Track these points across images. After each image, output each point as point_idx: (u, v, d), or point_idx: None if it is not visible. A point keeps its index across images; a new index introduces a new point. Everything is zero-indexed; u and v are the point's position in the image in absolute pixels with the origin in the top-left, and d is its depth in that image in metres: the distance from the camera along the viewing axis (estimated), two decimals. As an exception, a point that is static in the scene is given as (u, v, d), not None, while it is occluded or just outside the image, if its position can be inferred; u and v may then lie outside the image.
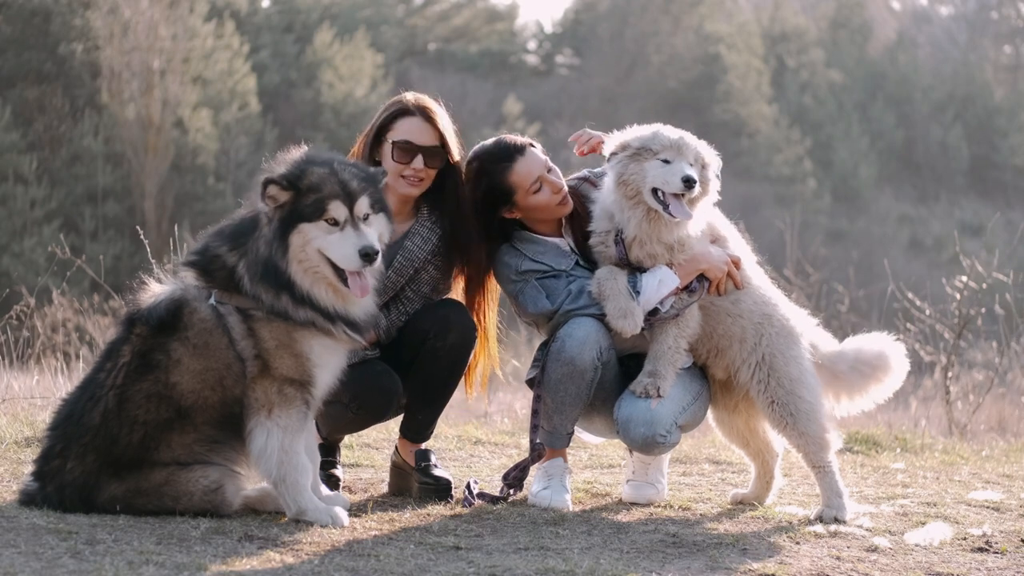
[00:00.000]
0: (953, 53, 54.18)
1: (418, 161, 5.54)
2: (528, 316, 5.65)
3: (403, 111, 5.60)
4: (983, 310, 11.31)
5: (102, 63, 32.83)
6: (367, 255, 4.75)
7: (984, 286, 11.06)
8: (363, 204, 4.81)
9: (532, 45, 52.38)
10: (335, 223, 4.77)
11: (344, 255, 4.76)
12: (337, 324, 4.82)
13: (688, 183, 5.26)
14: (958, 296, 10.98)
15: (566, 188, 5.67)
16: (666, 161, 5.32)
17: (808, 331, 5.65)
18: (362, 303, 4.90)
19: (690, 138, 5.43)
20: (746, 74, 45.75)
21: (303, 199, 4.76)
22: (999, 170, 48.36)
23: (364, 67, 39.33)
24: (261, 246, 4.76)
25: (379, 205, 4.90)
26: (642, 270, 5.45)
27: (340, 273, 4.78)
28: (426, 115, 5.60)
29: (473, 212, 5.64)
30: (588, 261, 5.63)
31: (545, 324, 5.60)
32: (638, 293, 5.36)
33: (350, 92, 38.52)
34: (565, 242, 5.70)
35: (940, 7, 60.20)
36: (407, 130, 5.56)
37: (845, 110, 47.14)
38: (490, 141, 5.75)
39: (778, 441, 5.69)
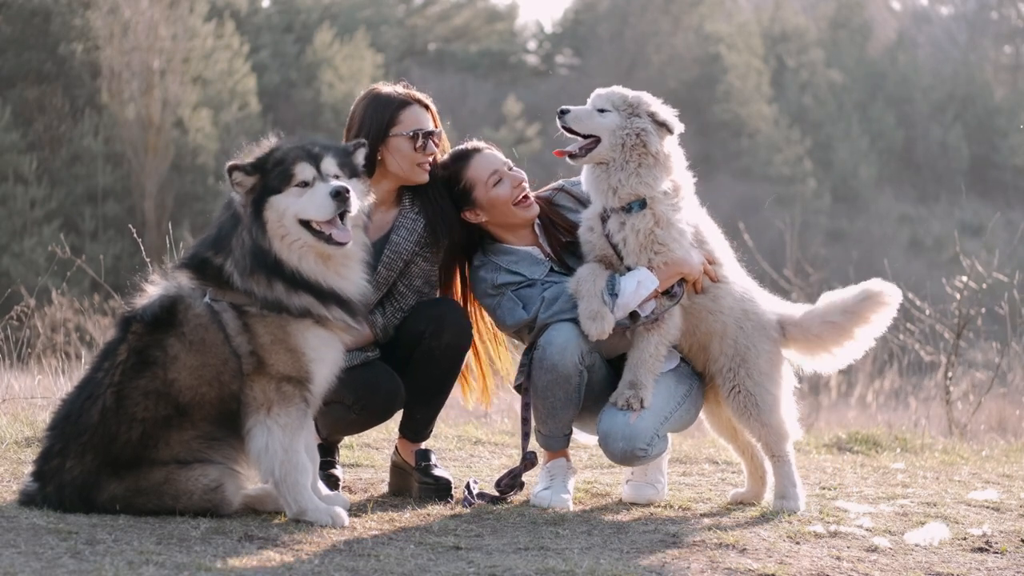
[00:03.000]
0: (953, 53, 54.15)
1: (431, 146, 5.62)
2: (507, 329, 5.68)
3: (403, 103, 5.63)
4: (983, 310, 11.31)
5: (102, 63, 32.81)
6: (338, 194, 4.76)
7: (984, 286, 11.05)
8: (329, 163, 4.86)
9: (532, 45, 52.36)
10: (304, 184, 4.80)
11: (316, 204, 4.78)
12: (331, 307, 4.82)
13: (561, 112, 5.42)
14: (958, 296, 10.97)
15: (528, 186, 5.67)
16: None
17: (778, 309, 5.67)
18: (354, 278, 4.91)
19: (621, 90, 5.47)
20: (746, 74, 45.73)
21: (270, 174, 4.80)
22: (999, 170, 48.32)
23: (364, 67, 39.31)
24: (245, 238, 4.78)
25: (350, 169, 4.94)
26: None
27: (320, 235, 4.80)
28: (420, 102, 5.68)
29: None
30: (565, 268, 5.63)
31: (527, 335, 5.59)
32: (616, 296, 5.34)
33: (350, 92, 38.44)
34: (537, 250, 5.70)
35: (940, 7, 60.18)
36: (416, 119, 5.62)
37: (845, 110, 47.10)
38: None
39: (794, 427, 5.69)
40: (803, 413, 12.52)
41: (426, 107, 5.69)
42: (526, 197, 5.65)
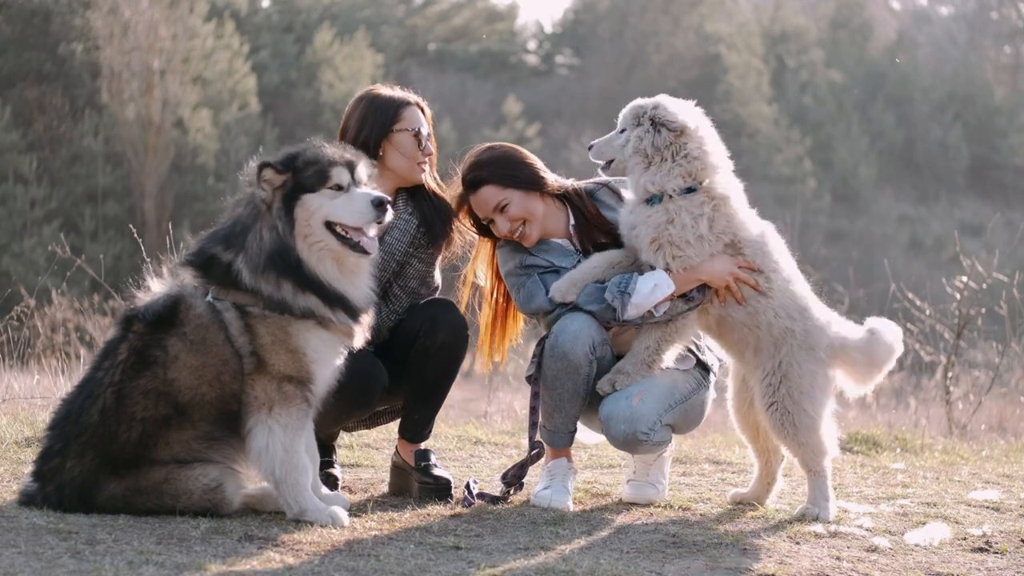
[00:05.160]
0: (953, 53, 54.15)
1: (429, 147, 5.65)
2: (527, 312, 5.69)
3: (403, 103, 5.65)
4: (983, 310, 11.31)
5: (102, 63, 32.82)
6: (380, 203, 4.83)
7: (984, 286, 11.06)
8: (363, 169, 4.92)
9: (532, 45, 52.39)
10: (339, 188, 4.83)
11: (355, 210, 4.82)
12: (336, 310, 4.83)
13: (588, 148, 5.57)
14: (958, 296, 10.98)
15: (519, 227, 5.64)
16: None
17: (835, 324, 5.58)
18: (362, 286, 4.93)
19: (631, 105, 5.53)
20: (746, 74, 45.74)
21: (303, 173, 4.82)
22: (999, 170, 48.34)
23: (364, 67, 39.33)
24: (264, 235, 4.78)
25: (372, 177, 5.01)
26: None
27: (346, 241, 4.83)
28: (416, 103, 5.71)
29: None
30: None
31: (544, 320, 5.63)
32: (630, 295, 5.34)
33: (350, 92, 38.35)
34: (568, 242, 5.71)
35: (940, 7, 60.20)
36: (415, 119, 5.65)
37: (845, 110, 47.11)
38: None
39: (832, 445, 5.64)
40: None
41: (422, 110, 5.72)
42: (520, 238, 5.66)
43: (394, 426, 6.02)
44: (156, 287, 4.92)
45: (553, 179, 5.74)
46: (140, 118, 32.47)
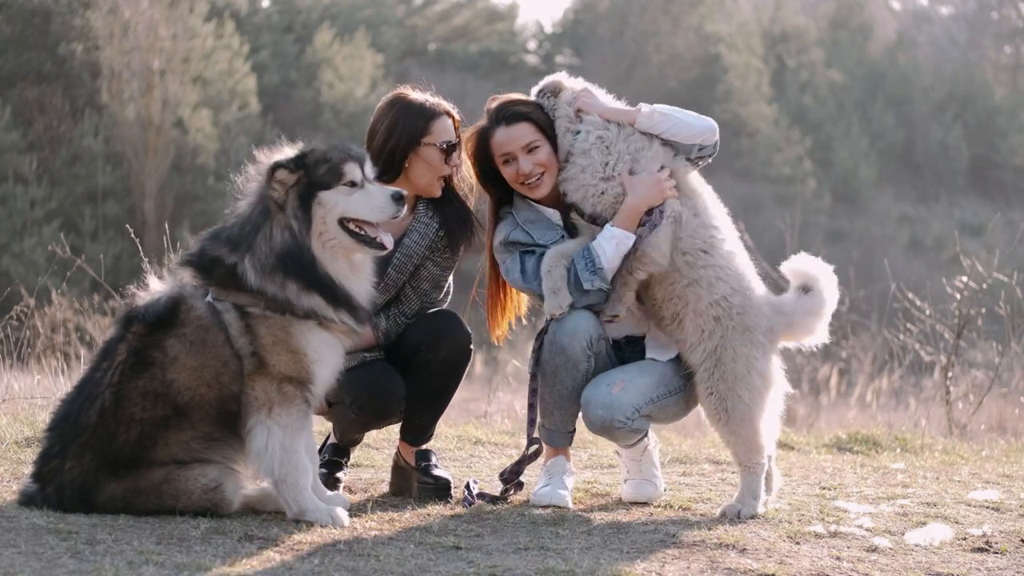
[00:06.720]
0: (953, 53, 54.14)
1: (455, 158, 5.64)
2: (507, 281, 5.72)
3: (433, 114, 5.62)
4: (983, 310, 11.30)
5: (102, 63, 32.79)
6: (400, 197, 4.88)
7: (984, 286, 11.05)
8: (369, 167, 4.97)
9: (532, 45, 52.35)
10: (353, 184, 4.86)
11: (375, 205, 4.86)
12: (340, 310, 4.84)
13: None
14: (958, 296, 10.97)
15: (536, 177, 5.61)
16: None
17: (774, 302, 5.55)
18: (365, 283, 4.96)
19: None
20: (746, 74, 45.71)
21: (316, 171, 4.84)
22: (999, 170, 48.31)
23: (364, 67, 39.31)
24: (276, 234, 4.78)
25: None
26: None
27: (359, 237, 4.86)
28: (447, 112, 5.68)
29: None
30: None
31: (533, 296, 5.63)
32: (602, 268, 5.36)
33: (350, 92, 38.51)
34: (558, 215, 5.70)
35: (940, 7, 60.19)
36: (446, 131, 5.62)
37: (845, 110, 47.09)
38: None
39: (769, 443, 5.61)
40: (803, 413, 12.50)
41: (452, 117, 5.69)
42: (531, 186, 5.63)
43: (395, 427, 6.03)
44: (156, 287, 4.92)
45: None
46: (140, 118, 32.43)
